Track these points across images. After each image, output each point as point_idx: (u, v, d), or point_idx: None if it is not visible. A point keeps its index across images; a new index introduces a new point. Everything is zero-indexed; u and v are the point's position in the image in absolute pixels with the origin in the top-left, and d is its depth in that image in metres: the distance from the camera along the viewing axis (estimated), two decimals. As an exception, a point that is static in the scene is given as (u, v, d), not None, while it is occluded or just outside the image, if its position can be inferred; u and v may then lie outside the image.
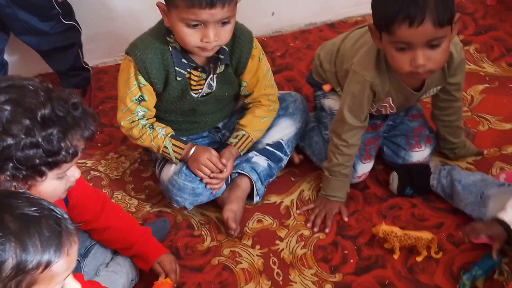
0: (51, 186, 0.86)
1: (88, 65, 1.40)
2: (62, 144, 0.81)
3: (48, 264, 0.69)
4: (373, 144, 1.15)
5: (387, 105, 1.10)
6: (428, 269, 1.03)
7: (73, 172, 0.85)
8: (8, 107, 0.76)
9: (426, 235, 1.02)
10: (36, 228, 0.70)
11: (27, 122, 0.76)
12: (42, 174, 0.80)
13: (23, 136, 0.77)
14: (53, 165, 0.82)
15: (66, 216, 0.70)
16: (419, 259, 1.03)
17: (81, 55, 1.37)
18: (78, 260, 0.81)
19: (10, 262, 0.69)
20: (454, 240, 1.06)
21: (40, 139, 0.78)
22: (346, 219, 1.11)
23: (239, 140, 1.11)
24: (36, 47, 1.32)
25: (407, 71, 0.94)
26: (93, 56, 1.49)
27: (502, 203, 0.99)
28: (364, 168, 1.13)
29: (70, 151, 0.81)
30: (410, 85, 1.04)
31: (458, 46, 1.04)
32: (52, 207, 0.72)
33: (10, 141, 0.77)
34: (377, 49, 1.01)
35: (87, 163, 1.28)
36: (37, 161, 0.78)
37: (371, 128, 1.14)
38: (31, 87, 0.82)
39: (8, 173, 0.78)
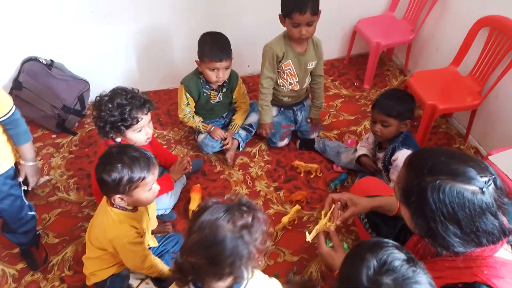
0: (133, 137, 1.53)
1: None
2: (127, 116, 1.48)
3: (144, 178, 1.27)
4: (287, 133, 2.26)
5: (290, 68, 2.03)
6: (316, 180, 2.10)
7: (147, 130, 1.58)
8: (106, 98, 1.50)
9: (315, 165, 2.16)
10: (138, 161, 1.28)
11: (110, 105, 1.48)
12: (122, 130, 1.49)
13: (108, 112, 1.47)
14: (126, 126, 1.50)
15: (152, 155, 1.33)
16: (312, 176, 2.13)
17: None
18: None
19: (126, 178, 1.26)
20: (327, 168, 2.18)
21: (115, 112, 1.47)
22: (264, 133, 2.18)
23: (233, 126, 2.21)
24: None
25: (297, 37, 1.90)
26: (154, 82, 2.64)
27: (347, 156, 2.12)
28: (283, 143, 2.27)
29: (133, 119, 1.49)
30: (299, 51, 2.00)
31: (320, 41, 2.06)
32: (144, 151, 1.31)
33: (103, 113, 1.48)
34: (284, 33, 1.97)
35: (163, 132, 2.40)
36: (117, 123, 1.47)
37: (287, 126, 2.25)
38: (120, 90, 1.54)
39: (107, 129, 1.50)
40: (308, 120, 2.29)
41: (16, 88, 2.29)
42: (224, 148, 2.20)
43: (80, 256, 1.66)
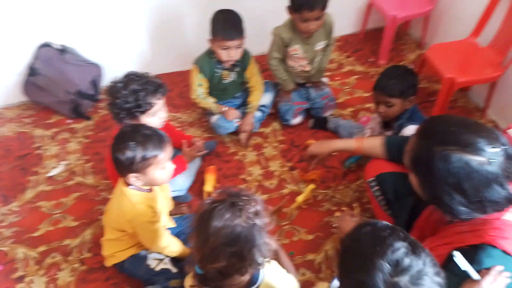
0: (148, 121, 1.52)
1: None
2: (142, 101, 1.48)
3: (156, 156, 1.29)
4: (300, 110, 2.23)
5: (298, 53, 2.04)
6: (330, 159, 2.05)
7: (160, 114, 1.57)
8: (119, 84, 1.47)
9: None
10: (151, 139, 1.29)
11: (124, 92, 1.48)
12: (137, 116, 1.50)
13: (123, 98, 1.46)
14: (141, 112, 1.51)
15: (164, 134, 1.35)
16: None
17: None
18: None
19: (139, 156, 1.28)
20: None
21: (130, 99, 1.47)
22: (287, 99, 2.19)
23: (251, 108, 2.16)
24: None
25: (305, 31, 1.93)
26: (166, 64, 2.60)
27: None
28: (296, 120, 2.24)
29: (148, 105, 1.50)
30: (306, 35, 1.99)
31: (330, 17, 2.02)
32: (157, 130, 1.35)
33: (118, 100, 1.47)
34: (291, 20, 1.97)
35: (177, 114, 2.38)
36: (132, 110, 1.48)
37: (300, 103, 2.22)
38: (133, 76, 1.52)
39: (122, 115, 1.50)
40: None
41: (31, 75, 2.32)
42: (238, 129, 2.18)
43: (98, 239, 1.69)
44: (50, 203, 1.95)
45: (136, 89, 1.50)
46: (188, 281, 1.21)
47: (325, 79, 2.32)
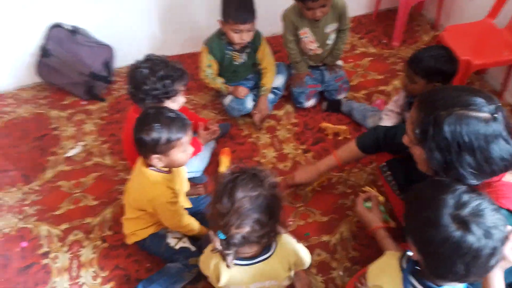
0: (170, 105, 1.55)
1: None
2: (170, 88, 1.51)
3: (180, 138, 1.32)
4: (313, 93, 2.23)
5: (308, 36, 2.05)
6: (344, 142, 2.08)
7: (180, 99, 1.61)
8: (145, 70, 1.49)
9: (343, 127, 2.14)
10: (174, 121, 1.33)
11: (153, 78, 1.49)
12: (162, 101, 1.53)
13: (152, 85, 1.48)
14: (167, 97, 1.54)
15: (186, 117, 1.39)
16: (340, 137, 2.12)
17: None
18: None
19: (164, 138, 1.30)
20: (356, 130, 2.14)
21: (159, 86, 1.50)
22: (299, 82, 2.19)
23: (264, 91, 2.17)
24: None
25: (311, 19, 1.95)
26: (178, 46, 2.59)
27: (374, 121, 2.06)
28: (309, 103, 2.24)
29: (174, 91, 1.54)
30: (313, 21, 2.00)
31: (341, 1, 2.02)
32: (180, 113, 1.38)
33: (146, 87, 1.50)
34: (297, 4, 1.97)
35: (190, 97, 2.37)
36: (159, 95, 1.51)
37: (314, 85, 2.22)
38: (157, 60, 1.54)
39: (148, 100, 1.53)
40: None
41: (44, 56, 2.33)
42: (252, 112, 2.19)
43: (118, 217, 1.74)
44: (70, 182, 2.00)
45: (163, 75, 1.51)
46: (205, 255, 1.30)
47: (339, 62, 2.31)
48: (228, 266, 1.14)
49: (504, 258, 0.91)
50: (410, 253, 0.99)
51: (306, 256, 1.30)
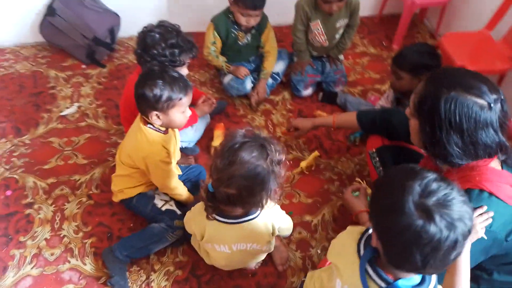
0: None
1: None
2: (177, 58, 1.53)
3: (181, 98, 1.36)
4: (312, 82, 2.28)
5: (319, 28, 2.10)
6: (335, 133, 2.13)
7: (184, 71, 1.62)
8: (157, 35, 1.51)
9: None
10: (178, 81, 1.34)
11: (163, 45, 1.51)
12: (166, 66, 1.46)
13: (160, 51, 1.50)
14: (172, 66, 1.53)
15: (188, 80, 1.42)
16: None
17: None
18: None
19: (165, 95, 1.34)
20: None
21: (167, 53, 1.52)
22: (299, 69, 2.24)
23: (265, 74, 2.21)
24: None
25: (327, 12, 1.99)
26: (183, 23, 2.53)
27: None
28: (306, 92, 2.29)
29: (181, 62, 1.57)
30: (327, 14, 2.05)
31: None
32: (182, 75, 1.41)
33: (154, 51, 1.51)
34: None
35: (190, 73, 2.39)
36: (165, 62, 1.52)
37: (313, 75, 2.27)
38: (170, 28, 1.56)
39: (153, 64, 1.49)
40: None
41: (50, 15, 2.33)
42: (250, 94, 2.23)
43: (107, 178, 1.76)
44: (62, 140, 2.01)
45: (173, 43, 1.53)
46: (191, 212, 1.33)
47: (341, 57, 2.36)
48: (207, 217, 1.17)
49: (474, 227, 0.95)
50: (370, 231, 0.96)
51: (289, 223, 1.34)
